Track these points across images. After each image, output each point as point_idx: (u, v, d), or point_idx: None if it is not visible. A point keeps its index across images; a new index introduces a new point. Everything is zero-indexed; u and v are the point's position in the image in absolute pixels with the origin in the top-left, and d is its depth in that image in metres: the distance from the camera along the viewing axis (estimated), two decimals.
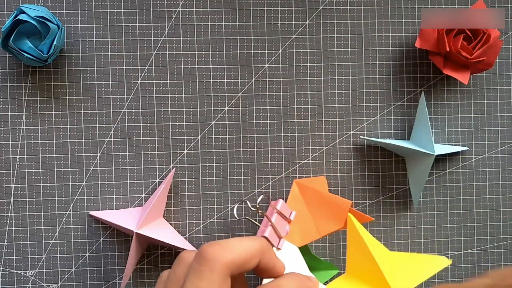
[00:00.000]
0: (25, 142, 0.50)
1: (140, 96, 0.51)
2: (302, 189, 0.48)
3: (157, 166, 0.51)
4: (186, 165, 0.51)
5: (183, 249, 0.49)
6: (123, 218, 0.49)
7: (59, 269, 0.50)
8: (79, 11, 0.50)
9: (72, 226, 0.50)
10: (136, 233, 0.46)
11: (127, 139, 0.51)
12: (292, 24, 0.52)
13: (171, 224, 0.51)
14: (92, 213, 0.50)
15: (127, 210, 0.50)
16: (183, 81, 0.51)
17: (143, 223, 0.47)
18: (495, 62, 0.52)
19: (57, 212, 0.50)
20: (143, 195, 0.51)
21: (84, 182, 0.50)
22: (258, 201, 0.47)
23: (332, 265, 0.50)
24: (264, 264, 0.30)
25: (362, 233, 0.38)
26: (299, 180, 0.48)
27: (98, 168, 0.50)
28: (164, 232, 0.49)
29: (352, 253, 0.38)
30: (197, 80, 0.51)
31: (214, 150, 0.51)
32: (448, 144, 0.53)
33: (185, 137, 0.51)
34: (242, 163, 0.51)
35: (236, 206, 0.50)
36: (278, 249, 0.43)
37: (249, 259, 0.29)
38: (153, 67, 0.51)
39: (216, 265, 0.28)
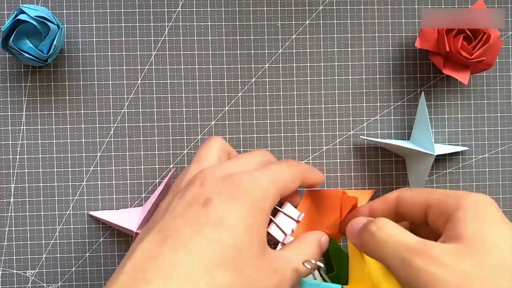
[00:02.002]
0: (25, 142, 0.50)
1: (140, 96, 0.51)
2: (312, 194, 0.46)
3: (157, 166, 0.51)
4: (186, 165, 0.51)
5: None
6: (123, 218, 0.49)
7: (59, 269, 0.50)
8: (79, 11, 0.50)
9: (72, 226, 0.50)
10: (136, 233, 0.46)
11: (127, 139, 0.51)
12: (292, 24, 0.52)
13: None
14: (92, 213, 0.50)
15: (127, 210, 0.50)
16: (183, 81, 0.51)
17: (143, 223, 0.47)
18: (495, 62, 0.52)
19: (57, 212, 0.50)
20: (143, 195, 0.51)
21: (84, 182, 0.50)
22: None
23: None
24: None
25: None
26: (309, 190, 0.47)
27: (98, 168, 0.50)
28: None
29: (353, 266, 0.39)
30: (197, 80, 0.51)
31: None
32: (448, 144, 0.53)
33: (185, 137, 0.51)
34: None
35: None
36: (283, 244, 0.43)
37: None
38: (153, 67, 0.51)
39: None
